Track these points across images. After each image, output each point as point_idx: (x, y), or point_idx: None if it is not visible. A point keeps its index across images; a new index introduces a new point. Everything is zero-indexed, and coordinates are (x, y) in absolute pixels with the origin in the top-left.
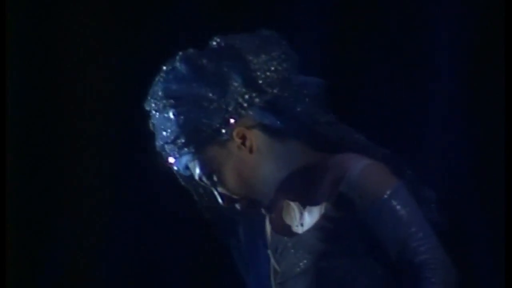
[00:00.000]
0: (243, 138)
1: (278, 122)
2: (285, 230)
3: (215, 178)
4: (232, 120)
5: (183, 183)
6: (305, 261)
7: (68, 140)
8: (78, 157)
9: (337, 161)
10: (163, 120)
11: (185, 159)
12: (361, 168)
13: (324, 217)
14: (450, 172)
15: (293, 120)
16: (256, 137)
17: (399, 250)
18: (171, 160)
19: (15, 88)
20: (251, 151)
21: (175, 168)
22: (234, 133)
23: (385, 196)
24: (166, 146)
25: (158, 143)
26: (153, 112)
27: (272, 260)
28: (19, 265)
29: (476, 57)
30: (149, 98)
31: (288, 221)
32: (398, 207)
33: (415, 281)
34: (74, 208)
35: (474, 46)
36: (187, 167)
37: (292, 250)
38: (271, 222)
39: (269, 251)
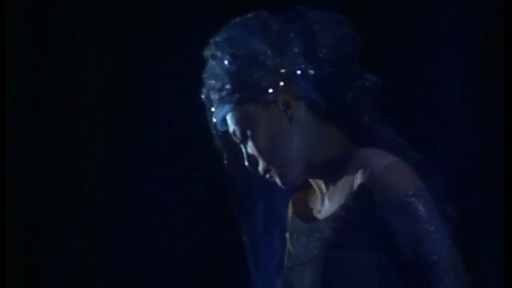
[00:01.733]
0: (287, 106)
1: (325, 102)
2: (304, 215)
3: (248, 134)
4: (281, 83)
5: (216, 141)
6: (315, 249)
7: (68, 140)
8: (78, 157)
9: (364, 154)
10: (217, 67)
11: (226, 109)
12: (385, 164)
13: (342, 207)
14: (451, 172)
15: (340, 106)
16: (299, 109)
17: (414, 248)
18: (213, 109)
19: (15, 88)
20: (290, 121)
21: (214, 120)
22: (280, 98)
23: (407, 194)
24: (211, 93)
25: (205, 91)
26: (210, 59)
27: (288, 244)
28: (19, 265)
29: (478, 58)
30: (210, 44)
31: (311, 205)
32: (418, 206)
33: (427, 280)
34: (75, 208)
35: (475, 47)
36: (224, 120)
37: (305, 238)
38: (293, 206)
39: (287, 235)
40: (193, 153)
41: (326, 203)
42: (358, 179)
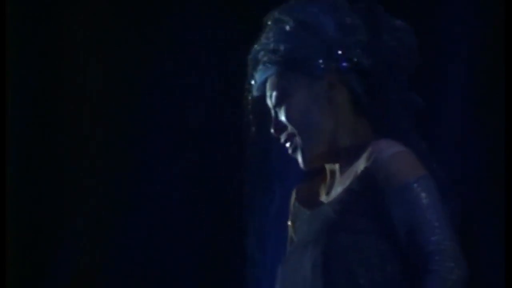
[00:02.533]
0: (332, 86)
1: (366, 99)
2: (309, 202)
3: (285, 101)
4: (334, 64)
5: (247, 106)
6: (317, 231)
7: (68, 140)
8: (78, 157)
9: (375, 142)
10: (277, 29)
11: (271, 71)
12: (393, 151)
13: (345, 190)
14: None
15: (379, 106)
16: (341, 94)
17: (413, 236)
18: (256, 71)
19: (15, 88)
20: (330, 102)
21: (252, 82)
22: (328, 77)
23: (409, 182)
24: (261, 54)
25: (254, 51)
26: (271, 23)
27: (291, 231)
28: (19, 265)
29: (478, 58)
30: (274, 10)
31: (317, 192)
32: (420, 194)
33: (425, 270)
34: (75, 208)
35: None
36: (264, 83)
37: (307, 224)
38: (297, 193)
39: (289, 223)
40: (193, 153)
41: (334, 188)
42: (363, 163)
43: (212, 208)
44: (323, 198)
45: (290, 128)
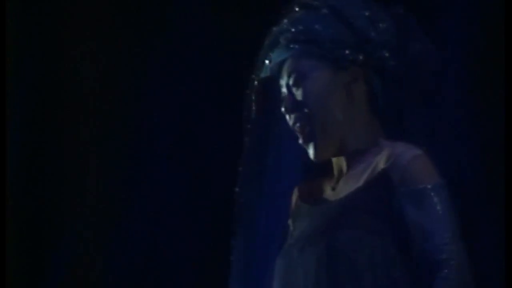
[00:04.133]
0: (354, 80)
1: (382, 100)
2: (312, 198)
3: (303, 82)
4: (360, 57)
5: (252, 89)
6: (322, 228)
7: (68, 140)
8: (78, 157)
9: (392, 144)
10: (306, 14)
11: (292, 52)
12: (413, 155)
13: (359, 189)
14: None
15: (393, 108)
16: (361, 90)
17: (424, 242)
18: (273, 52)
19: (15, 88)
20: (349, 94)
21: (267, 62)
22: (351, 69)
23: (426, 187)
24: (284, 34)
25: (275, 32)
26: (299, 9)
27: (290, 228)
28: (19, 265)
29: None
30: None
31: (321, 189)
32: (435, 201)
33: (432, 278)
34: (75, 208)
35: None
36: (281, 63)
37: (309, 219)
38: (299, 190)
39: (289, 221)
40: (193, 153)
41: (341, 185)
42: (381, 165)
43: (211, 209)
44: (329, 194)
45: (303, 112)
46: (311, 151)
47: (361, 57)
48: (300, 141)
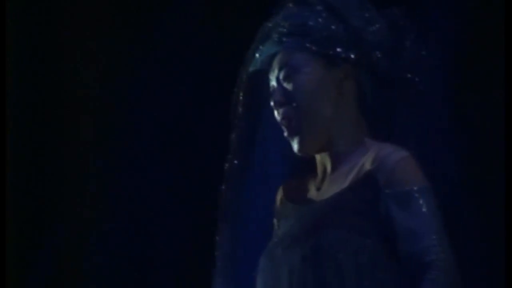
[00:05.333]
0: (345, 77)
1: (372, 100)
2: (297, 197)
3: (294, 76)
4: (352, 56)
5: (240, 83)
6: (307, 228)
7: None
8: (78, 157)
9: (378, 146)
10: (300, 10)
11: (283, 46)
12: (400, 157)
13: (345, 189)
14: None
15: (380, 112)
16: (351, 88)
17: (412, 244)
18: (263, 45)
19: (15, 88)
20: (339, 92)
21: (257, 55)
22: (344, 67)
23: (412, 189)
24: (276, 28)
25: (267, 25)
26: (290, 5)
27: (275, 226)
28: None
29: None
30: None
31: (305, 188)
32: (421, 203)
33: (420, 278)
34: (75, 208)
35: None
36: (272, 56)
37: (295, 218)
38: (284, 190)
39: (274, 220)
40: (193, 152)
41: (326, 186)
42: (367, 165)
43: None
44: (313, 194)
45: (291, 106)
46: (295, 145)
47: (353, 56)
48: (285, 133)
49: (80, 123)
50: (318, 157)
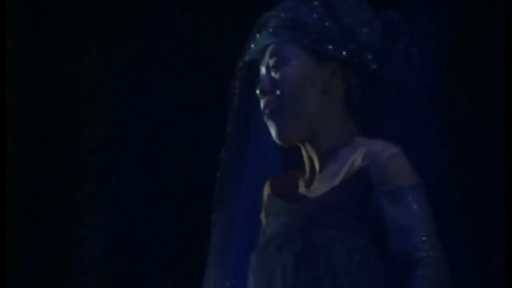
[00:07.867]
0: (333, 75)
1: (360, 101)
2: (286, 194)
3: (283, 67)
4: (344, 53)
5: (236, 72)
6: (299, 226)
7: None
8: (78, 157)
9: (368, 142)
10: (297, 3)
11: (278, 38)
12: (391, 153)
13: (336, 187)
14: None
15: (369, 112)
16: (339, 86)
17: (402, 240)
18: (258, 35)
19: (15, 88)
20: (325, 89)
21: (253, 45)
22: (332, 64)
23: (403, 185)
24: (273, 19)
25: (265, 16)
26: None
27: (263, 224)
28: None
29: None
30: None
31: (295, 184)
32: (411, 199)
33: (411, 275)
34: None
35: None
36: (266, 47)
37: (285, 216)
38: (271, 185)
39: (262, 216)
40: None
41: (316, 183)
42: (359, 163)
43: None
44: (304, 191)
45: (275, 94)
46: (273, 132)
47: (343, 54)
48: (265, 118)
49: (80, 123)
50: (303, 152)
